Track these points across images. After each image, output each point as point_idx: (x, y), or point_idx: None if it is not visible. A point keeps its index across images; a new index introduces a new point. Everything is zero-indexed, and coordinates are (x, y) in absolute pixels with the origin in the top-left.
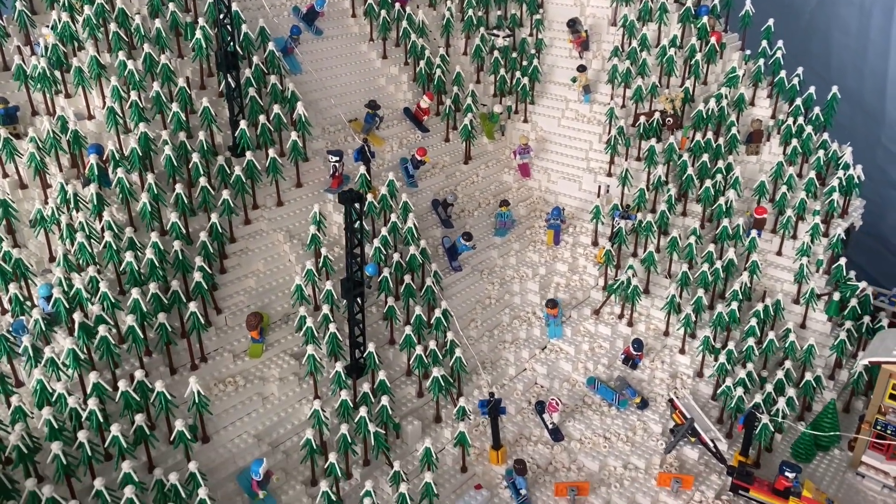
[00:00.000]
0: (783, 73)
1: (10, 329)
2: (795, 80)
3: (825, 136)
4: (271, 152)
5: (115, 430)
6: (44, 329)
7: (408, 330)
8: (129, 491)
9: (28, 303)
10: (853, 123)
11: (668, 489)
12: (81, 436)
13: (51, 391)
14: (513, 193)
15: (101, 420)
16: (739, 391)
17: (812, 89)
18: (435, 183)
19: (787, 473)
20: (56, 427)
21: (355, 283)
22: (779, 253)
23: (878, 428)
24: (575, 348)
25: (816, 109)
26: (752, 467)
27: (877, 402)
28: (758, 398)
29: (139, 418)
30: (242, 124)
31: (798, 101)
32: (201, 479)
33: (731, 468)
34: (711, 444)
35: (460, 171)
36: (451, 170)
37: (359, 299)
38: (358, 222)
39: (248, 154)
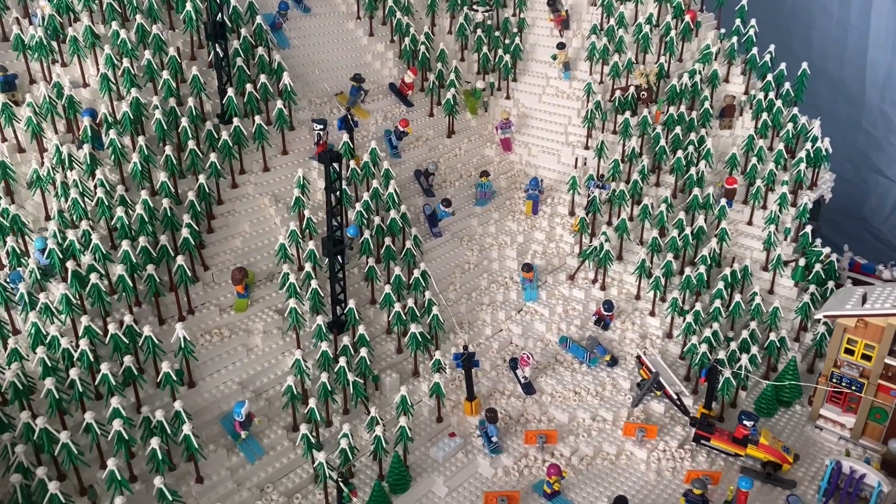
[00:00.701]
0: (755, 51)
1: (8, 279)
2: (767, 57)
3: (795, 110)
4: (258, 119)
5: (104, 368)
6: (39, 279)
7: (387, 289)
8: (117, 424)
9: (25, 258)
10: (835, 108)
11: (633, 439)
12: (73, 373)
13: (45, 334)
14: (494, 166)
15: (92, 360)
16: (704, 348)
17: (783, 66)
18: (418, 155)
19: (745, 422)
20: (49, 365)
21: (336, 241)
22: (749, 222)
23: (834, 381)
24: (549, 310)
25: (787, 85)
26: (714, 420)
27: (832, 356)
28: (721, 355)
29: (128, 359)
30: (230, 92)
31: (769, 77)
32: (186, 416)
33: (693, 419)
34: (676, 397)
35: (443, 144)
36: (435, 143)
37: (339, 257)
38: (337, 182)
39: (236, 120)
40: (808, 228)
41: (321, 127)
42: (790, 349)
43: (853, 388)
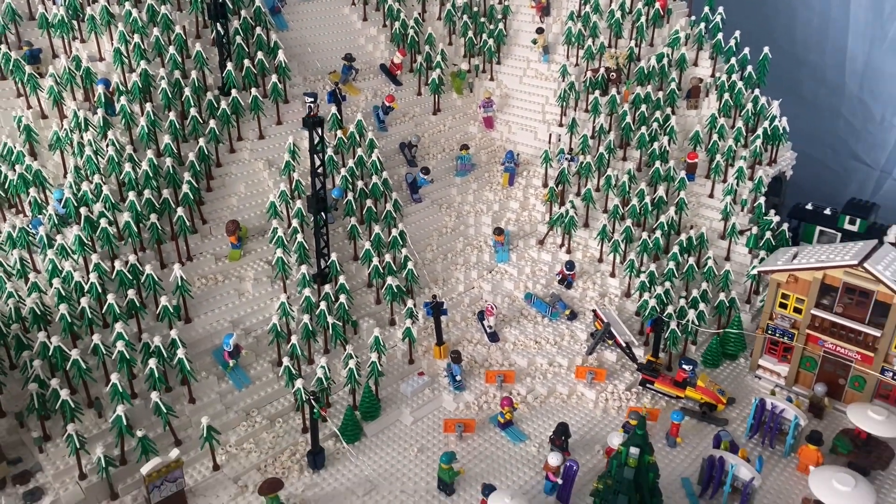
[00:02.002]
0: (720, 36)
1: (30, 225)
2: (732, 42)
3: (757, 91)
4: (254, 92)
5: (110, 298)
6: (56, 223)
7: (367, 245)
8: (120, 345)
9: (45, 209)
10: (817, 97)
11: (584, 381)
12: (84, 301)
13: (60, 269)
14: (476, 142)
15: (100, 291)
16: (653, 303)
17: (746, 50)
18: (404, 129)
19: (684, 366)
20: (64, 295)
21: (319, 199)
22: (710, 195)
23: (769, 332)
24: (518, 271)
25: (750, 68)
26: (661, 367)
27: (768, 310)
28: (670, 310)
29: (131, 293)
30: (229, 66)
31: (733, 61)
32: (181, 343)
33: (640, 364)
34: (625, 346)
35: (429, 120)
36: (421, 119)
37: (323, 214)
38: (320, 144)
39: (234, 92)
40: (762, 199)
41: (312, 99)
42: (740, 309)
43: (786, 338)
